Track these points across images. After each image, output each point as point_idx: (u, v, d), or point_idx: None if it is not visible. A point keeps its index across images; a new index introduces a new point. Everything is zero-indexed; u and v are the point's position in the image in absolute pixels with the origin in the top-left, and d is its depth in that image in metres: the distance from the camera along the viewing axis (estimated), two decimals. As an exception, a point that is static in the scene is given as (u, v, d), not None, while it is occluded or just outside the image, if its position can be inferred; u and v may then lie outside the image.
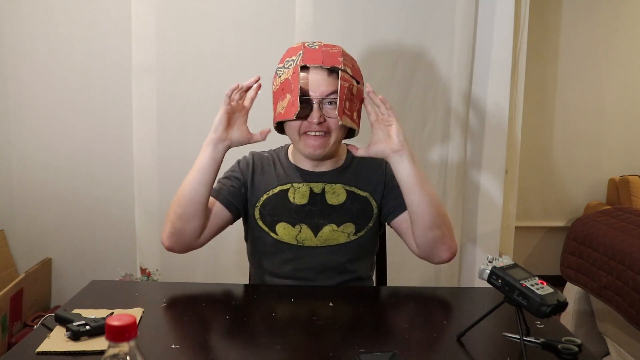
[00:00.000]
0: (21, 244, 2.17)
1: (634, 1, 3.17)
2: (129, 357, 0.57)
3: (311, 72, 1.18)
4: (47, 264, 2.18)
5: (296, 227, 1.27)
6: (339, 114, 1.15)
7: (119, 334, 0.56)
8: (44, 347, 0.90)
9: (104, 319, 0.76)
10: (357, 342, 0.94)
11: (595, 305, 1.84)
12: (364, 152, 1.21)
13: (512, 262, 0.94)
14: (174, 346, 0.92)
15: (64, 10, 2.02)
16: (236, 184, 1.28)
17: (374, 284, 1.45)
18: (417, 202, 1.16)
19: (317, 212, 1.27)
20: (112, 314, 1.01)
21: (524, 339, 0.89)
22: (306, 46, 1.21)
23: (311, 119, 1.18)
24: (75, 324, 0.93)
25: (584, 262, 1.73)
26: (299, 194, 1.27)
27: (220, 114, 1.17)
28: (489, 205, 2.11)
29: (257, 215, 1.28)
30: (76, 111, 2.08)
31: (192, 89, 1.96)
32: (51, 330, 0.96)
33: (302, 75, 1.17)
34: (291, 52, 1.23)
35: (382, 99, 1.18)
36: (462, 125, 2.04)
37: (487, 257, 0.95)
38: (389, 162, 1.19)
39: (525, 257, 3.36)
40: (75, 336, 0.91)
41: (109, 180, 2.11)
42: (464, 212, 2.11)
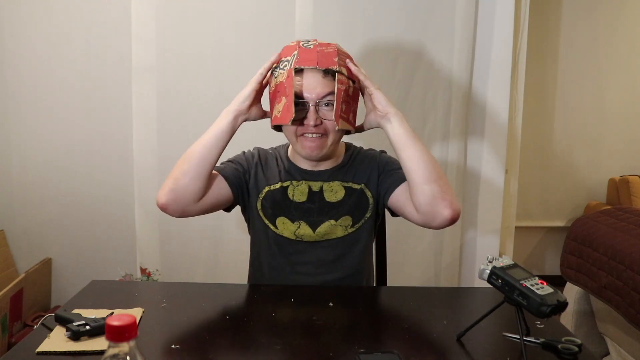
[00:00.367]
0: (21, 244, 2.17)
1: (634, 1, 3.18)
2: (129, 357, 0.57)
3: (306, 74, 1.18)
4: (47, 264, 2.18)
5: (295, 223, 1.28)
6: (335, 119, 1.16)
7: (119, 334, 0.56)
8: (44, 347, 0.90)
9: (104, 319, 0.76)
10: (357, 342, 0.94)
11: (595, 305, 1.84)
12: (363, 127, 1.27)
13: (512, 262, 0.94)
14: (174, 346, 0.92)
15: (64, 10, 2.02)
16: (240, 168, 1.30)
17: (375, 277, 1.45)
18: (410, 156, 1.17)
19: (315, 209, 1.28)
20: (112, 314, 1.01)
21: (524, 339, 0.89)
22: (301, 46, 1.21)
23: (307, 122, 1.18)
24: (75, 324, 0.93)
25: (584, 262, 1.73)
26: (298, 191, 1.28)
27: (248, 90, 1.21)
28: (489, 205, 2.11)
29: (259, 206, 1.29)
30: (76, 111, 2.08)
31: (192, 89, 1.96)
32: (51, 330, 0.96)
33: (296, 78, 1.18)
34: (286, 51, 1.23)
35: (356, 70, 1.21)
36: (462, 125, 2.04)
37: (487, 257, 0.95)
38: (382, 128, 1.22)
39: (525, 257, 3.36)
40: (75, 336, 0.91)
41: (109, 180, 2.10)
42: (464, 212, 2.11)
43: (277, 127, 1.28)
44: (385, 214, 1.39)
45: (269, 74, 1.24)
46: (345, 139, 1.35)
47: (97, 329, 0.92)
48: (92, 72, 2.05)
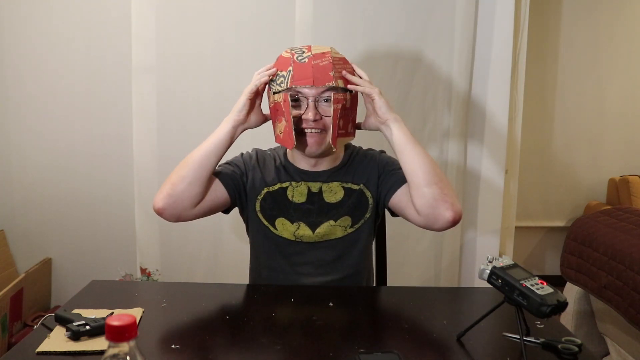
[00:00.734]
0: (21, 244, 2.17)
1: (634, 1, 3.17)
2: (129, 357, 0.57)
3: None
4: (47, 264, 2.18)
5: (294, 224, 1.28)
6: (332, 141, 1.19)
7: (119, 334, 0.56)
8: (44, 347, 0.90)
9: (104, 319, 0.76)
10: (357, 342, 0.94)
11: (595, 305, 1.84)
12: (362, 127, 1.29)
13: (512, 262, 0.94)
14: (174, 346, 0.92)
15: (64, 10, 2.02)
16: (237, 170, 1.29)
17: (375, 277, 1.45)
18: (410, 159, 1.18)
19: (315, 210, 1.28)
20: (112, 314, 1.01)
21: (524, 339, 0.89)
22: (295, 60, 1.19)
23: (306, 117, 1.19)
24: (75, 324, 0.93)
25: (584, 262, 1.73)
26: (298, 192, 1.28)
27: (243, 101, 1.22)
28: (489, 205, 2.11)
29: (258, 207, 1.29)
30: (76, 111, 2.08)
31: (192, 89, 1.96)
32: (51, 330, 0.96)
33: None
34: (281, 63, 1.22)
35: (356, 81, 1.21)
36: (462, 125, 2.04)
37: (487, 257, 0.95)
38: (382, 132, 1.24)
39: (525, 257, 3.36)
40: (75, 336, 0.91)
41: (109, 180, 2.11)
42: (464, 212, 2.10)
43: None
44: (385, 214, 1.39)
45: (267, 86, 1.24)
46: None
47: (97, 329, 0.92)
48: (92, 72, 2.05)
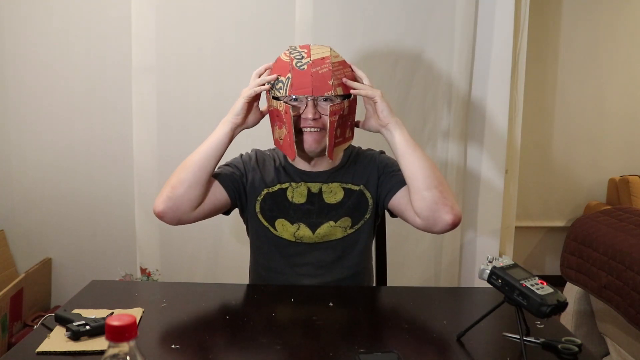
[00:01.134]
0: (21, 244, 2.17)
1: (635, 1, 3.17)
2: (129, 357, 0.57)
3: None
4: (47, 264, 2.18)
5: (294, 225, 1.27)
6: (328, 154, 1.20)
7: (119, 334, 0.56)
8: (44, 347, 0.90)
9: (104, 319, 0.76)
10: (357, 342, 0.94)
11: (595, 305, 1.84)
12: (361, 127, 1.28)
13: (512, 262, 0.94)
14: (174, 346, 0.92)
15: (64, 10, 2.02)
16: (237, 172, 1.29)
17: (374, 277, 1.45)
18: (411, 163, 1.19)
19: (315, 211, 1.28)
20: (112, 314, 1.01)
21: (524, 339, 0.89)
22: (294, 66, 1.18)
23: (305, 115, 1.19)
24: (75, 324, 0.93)
25: (584, 262, 1.73)
26: (297, 193, 1.28)
27: (241, 104, 1.21)
28: (489, 205, 2.11)
29: (258, 208, 1.29)
30: (76, 111, 2.08)
31: (192, 89, 1.96)
32: (51, 330, 0.96)
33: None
34: (280, 67, 1.21)
35: (361, 75, 1.23)
36: (462, 125, 2.04)
37: (487, 257, 0.95)
38: (382, 134, 1.24)
39: (525, 257, 3.36)
40: (75, 336, 0.91)
41: (109, 180, 2.10)
42: (464, 212, 2.11)
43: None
44: (385, 215, 1.39)
45: (267, 92, 1.24)
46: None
47: (97, 329, 0.92)
48: (92, 72, 2.05)
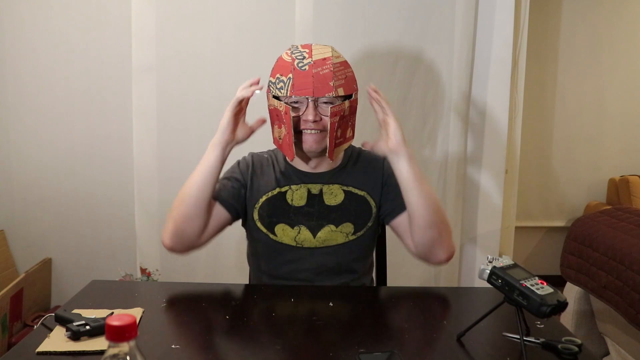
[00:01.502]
0: (21, 244, 2.17)
1: (634, 1, 3.18)
2: (129, 357, 0.57)
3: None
4: (47, 264, 2.18)
5: (295, 228, 1.27)
6: (329, 155, 1.20)
7: (119, 334, 0.56)
8: (44, 347, 0.90)
9: (104, 319, 0.76)
10: (357, 342, 0.94)
11: (595, 305, 1.84)
12: (369, 147, 1.24)
13: (512, 262, 0.94)
14: (174, 346, 0.92)
15: (64, 10, 2.02)
16: (236, 185, 1.28)
17: (374, 284, 1.45)
18: (415, 201, 1.18)
19: (315, 213, 1.27)
20: (112, 314, 1.01)
21: (524, 339, 0.89)
22: (296, 67, 1.17)
23: (306, 117, 1.18)
24: (75, 324, 0.93)
25: (584, 262, 1.73)
26: (297, 195, 1.27)
27: (227, 118, 1.19)
28: (489, 205, 2.11)
29: (256, 216, 1.28)
30: (76, 111, 2.08)
31: (192, 89, 1.96)
32: (51, 330, 0.96)
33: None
34: (282, 67, 1.20)
35: (379, 98, 1.19)
36: (462, 125, 2.04)
37: (487, 257, 0.95)
38: (389, 160, 1.20)
39: (525, 257, 3.36)
40: (75, 336, 0.91)
41: (109, 180, 2.11)
42: (464, 212, 2.11)
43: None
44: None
45: (267, 87, 1.23)
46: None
47: (97, 329, 0.92)
48: (92, 72, 2.05)
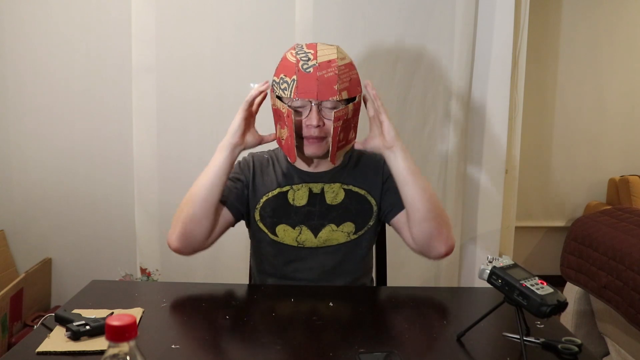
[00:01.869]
0: (21, 244, 2.17)
1: (634, 1, 3.18)
2: (129, 357, 0.57)
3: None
4: (47, 264, 2.18)
5: (296, 228, 1.27)
6: (331, 159, 1.20)
7: (119, 334, 0.56)
8: (44, 347, 0.90)
9: (104, 319, 0.76)
10: (357, 342, 0.94)
11: (595, 305, 1.84)
12: (361, 146, 1.24)
13: (512, 262, 0.94)
14: (174, 346, 0.92)
15: (64, 10, 2.02)
16: (239, 185, 1.28)
17: (374, 283, 1.45)
18: (411, 194, 1.18)
19: (316, 212, 1.27)
20: (112, 314, 1.01)
21: (524, 339, 0.89)
22: (300, 69, 1.15)
23: (309, 121, 1.17)
24: (75, 324, 0.93)
25: (584, 262, 1.73)
26: (298, 195, 1.27)
27: (238, 120, 1.19)
28: (489, 205, 2.11)
29: (258, 217, 1.28)
30: (76, 111, 2.08)
31: (192, 89, 1.96)
32: (51, 330, 0.96)
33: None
34: (286, 67, 1.19)
35: (374, 95, 1.19)
36: (462, 125, 2.04)
37: (487, 257, 0.95)
38: (384, 156, 1.21)
39: (525, 257, 3.36)
40: (75, 336, 0.91)
41: (109, 180, 2.11)
42: (464, 212, 2.11)
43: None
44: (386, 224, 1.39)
45: (270, 89, 1.22)
46: None
47: (97, 329, 0.92)
48: (92, 72, 2.05)
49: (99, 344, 0.90)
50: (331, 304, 1.12)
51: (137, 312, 1.04)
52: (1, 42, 2.04)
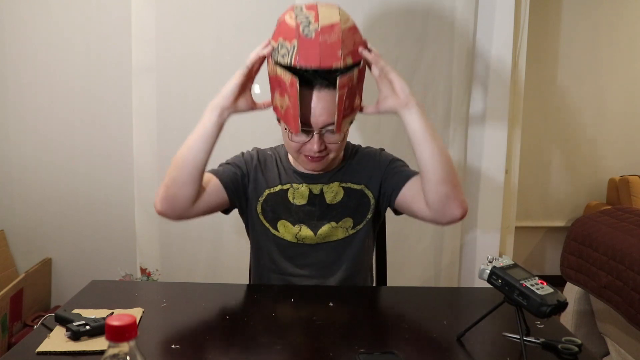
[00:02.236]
0: (21, 244, 2.17)
1: (634, 1, 3.18)
2: (129, 357, 0.57)
3: (314, 93, 1.11)
4: (47, 264, 2.18)
5: (296, 226, 1.27)
6: (337, 129, 1.12)
7: (119, 334, 0.56)
8: (44, 347, 0.90)
9: (104, 319, 0.76)
10: (357, 342, 0.94)
11: (595, 305, 1.84)
12: (374, 110, 1.18)
13: (512, 262, 0.94)
14: (174, 346, 0.92)
15: (64, 10, 2.02)
16: (238, 171, 1.27)
17: (374, 278, 1.45)
18: (429, 155, 1.12)
19: (316, 212, 1.27)
20: (112, 314, 1.01)
21: (524, 339, 0.89)
22: (301, 34, 1.08)
23: (311, 147, 1.15)
24: (75, 324, 0.93)
25: (584, 262, 1.73)
26: (299, 194, 1.28)
27: (233, 84, 1.16)
28: (489, 205, 2.11)
29: (260, 209, 1.28)
30: (76, 111, 2.08)
31: (192, 89, 1.96)
32: (51, 330, 0.96)
33: (303, 92, 1.09)
34: (285, 32, 1.11)
35: (375, 55, 1.13)
36: (462, 125, 2.04)
37: (487, 257, 0.95)
38: (399, 116, 1.13)
39: (525, 257, 3.36)
40: (75, 336, 0.91)
41: (109, 180, 2.11)
42: (464, 212, 2.11)
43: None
44: (385, 215, 1.39)
45: (269, 55, 1.16)
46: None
47: (97, 329, 0.92)
48: (92, 73, 2.05)
49: (99, 344, 0.90)
50: (331, 304, 1.12)
51: (137, 312, 1.04)
52: (1, 42, 2.04)
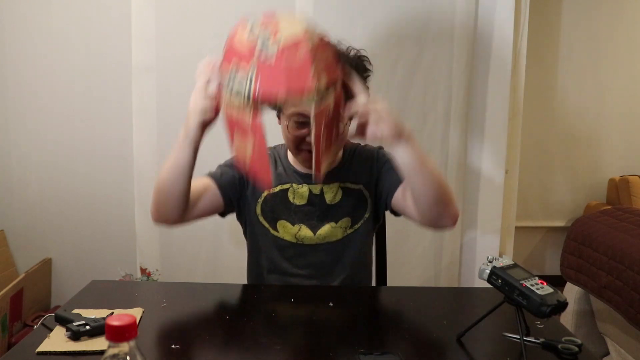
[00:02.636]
0: (21, 244, 2.17)
1: (634, 1, 3.18)
2: (129, 357, 0.57)
3: None
4: (47, 264, 2.18)
5: (295, 226, 1.27)
6: (315, 169, 1.00)
7: (119, 334, 0.56)
8: (44, 347, 0.90)
9: (104, 319, 0.76)
10: (357, 342, 0.94)
11: (595, 305, 1.84)
12: (360, 139, 1.11)
13: (512, 262, 0.94)
14: (174, 346, 0.92)
15: (64, 10, 2.02)
16: (236, 174, 1.27)
17: (375, 277, 1.45)
18: (421, 184, 1.10)
19: (316, 212, 1.28)
20: (112, 314, 1.01)
21: (524, 339, 0.89)
22: (259, 57, 0.88)
23: (310, 140, 1.08)
24: (75, 324, 0.93)
25: (584, 262, 1.73)
26: (298, 194, 1.28)
27: (207, 105, 1.10)
28: (489, 205, 2.11)
29: (259, 210, 1.28)
30: (76, 111, 2.08)
31: (192, 89, 1.95)
32: (51, 330, 0.96)
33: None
34: (239, 54, 0.92)
35: (362, 113, 1.03)
36: (462, 125, 2.04)
37: (487, 257, 0.95)
38: (390, 146, 1.09)
39: (525, 257, 3.36)
40: (75, 336, 0.91)
41: (109, 180, 2.11)
42: (464, 212, 2.11)
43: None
44: (385, 216, 1.39)
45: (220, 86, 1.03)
46: None
47: (97, 329, 0.92)
48: (92, 72, 2.05)
49: (99, 344, 0.90)
50: (331, 304, 1.12)
51: (137, 312, 1.04)
52: (1, 42, 2.04)
